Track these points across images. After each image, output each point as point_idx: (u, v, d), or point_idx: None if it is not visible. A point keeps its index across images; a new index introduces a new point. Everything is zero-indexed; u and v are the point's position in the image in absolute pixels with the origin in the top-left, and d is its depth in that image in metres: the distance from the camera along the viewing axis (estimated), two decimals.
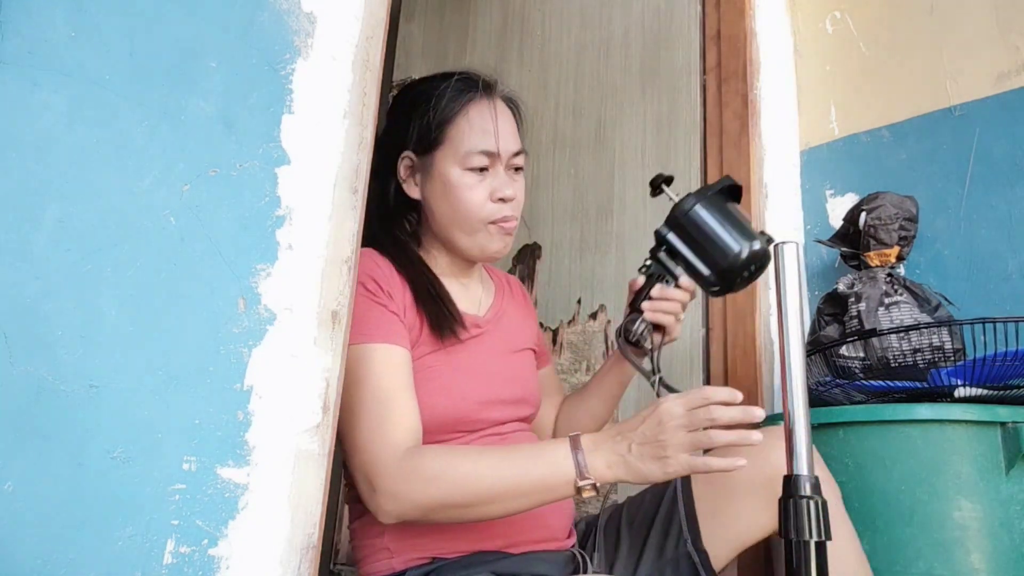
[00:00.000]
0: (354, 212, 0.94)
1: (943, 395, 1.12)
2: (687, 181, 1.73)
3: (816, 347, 1.31)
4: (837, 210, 1.65)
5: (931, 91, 1.58)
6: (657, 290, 1.04)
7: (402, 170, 1.09)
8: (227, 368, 0.78)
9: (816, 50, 1.81)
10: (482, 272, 1.20)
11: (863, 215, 1.43)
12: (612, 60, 1.97)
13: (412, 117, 1.06)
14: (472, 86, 1.07)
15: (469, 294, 1.13)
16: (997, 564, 1.01)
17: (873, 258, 1.41)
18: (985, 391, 1.09)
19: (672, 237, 1.01)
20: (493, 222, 1.04)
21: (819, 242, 1.60)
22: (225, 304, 0.79)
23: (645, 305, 1.04)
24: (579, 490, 0.84)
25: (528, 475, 0.85)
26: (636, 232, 1.80)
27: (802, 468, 0.74)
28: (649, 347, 1.04)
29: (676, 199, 1.03)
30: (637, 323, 1.04)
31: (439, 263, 1.11)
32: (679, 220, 1.00)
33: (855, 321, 1.36)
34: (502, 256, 1.09)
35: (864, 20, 1.73)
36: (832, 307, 1.43)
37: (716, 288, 0.98)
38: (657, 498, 1.06)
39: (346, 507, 2.19)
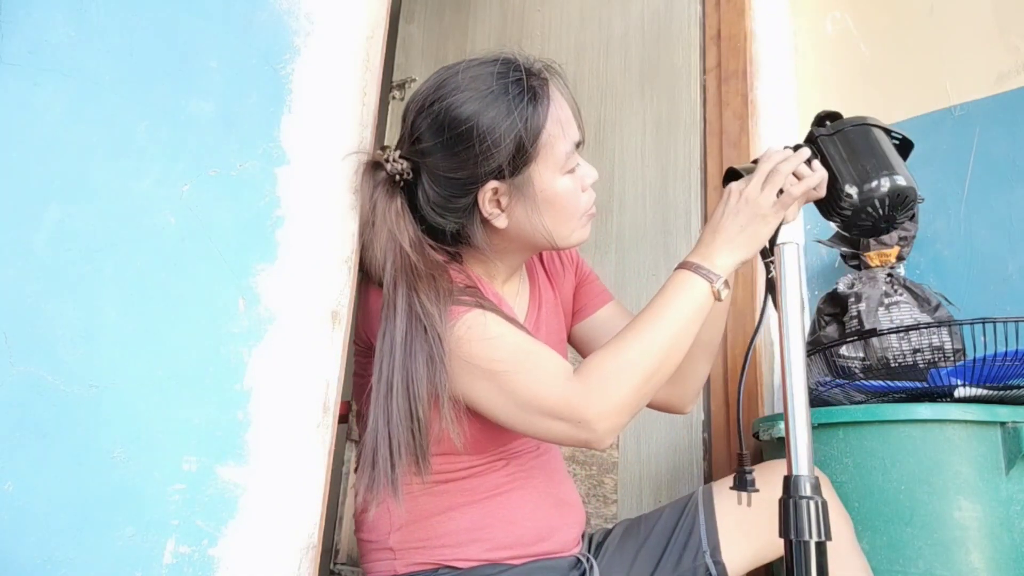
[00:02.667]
0: (354, 212, 0.94)
1: (943, 395, 1.12)
2: (687, 181, 1.73)
3: (816, 347, 1.31)
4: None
5: (931, 91, 1.59)
6: (784, 151, 0.95)
7: (487, 206, 0.94)
8: (227, 368, 0.78)
9: (816, 50, 1.81)
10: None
11: None
12: (612, 60, 1.97)
13: (487, 145, 0.90)
14: (535, 80, 0.93)
15: (510, 301, 1.05)
16: (997, 564, 1.01)
17: (873, 258, 1.42)
18: (985, 391, 1.09)
19: (827, 140, 0.95)
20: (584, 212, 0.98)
21: (819, 242, 1.60)
22: (225, 304, 0.79)
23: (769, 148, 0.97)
24: (717, 294, 0.90)
25: (679, 314, 0.89)
26: (636, 232, 1.80)
27: (802, 468, 0.74)
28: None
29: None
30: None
31: (483, 277, 1.02)
32: (847, 127, 0.95)
33: (855, 321, 1.36)
34: None
35: (864, 20, 1.73)
36: (832, 307, 1.43)
37: (844, 208, 0.92)
38: (677, 511, 1.06)
39: (348, 499, 2.19)
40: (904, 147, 0.99)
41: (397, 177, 0.95)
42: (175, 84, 0.78)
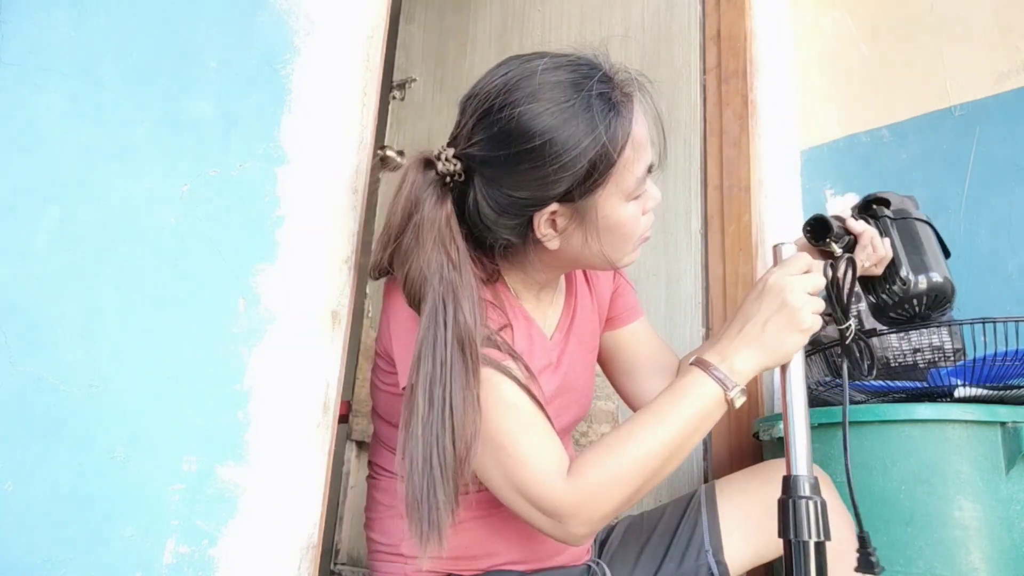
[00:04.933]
0: (354, 212, 0.94)
1: (943, 395, 1.12)
2: (687, 181, 1.73)
3: (816, 347, 1.31)
4: (837, 210, 1.65)
5: (931, 91, 1.58)
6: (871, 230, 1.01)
7: (542, 227, 0.86)
8: (227, 368, 0.78)
9: (816, 50, 1.81)
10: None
11: None
12: (612, 60, 1.96)
13: (557, 167, 0.81)
14: (619, 94, 0.85)
15: (543, 311, 1.01)
16: (997, 564, 1.01)
17: None
18: (985, 391, 1.09)
19: (890, 224, 1.02)
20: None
21: None
22: (225, 304, 0.79)
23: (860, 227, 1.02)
24: (731, 403, 0.81)
25: (684, 420, 0.81)
26: None
27: (801, 468, 0.74)
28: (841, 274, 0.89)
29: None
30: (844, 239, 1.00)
31: (518, 287, 0.97)
32: (910, 218, 1.01)
33: (855, 321, 1.35)
34: None
35: (864, 20, 1.73)
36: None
37: (895, 292, 0.98)
38: (680, 509, 1.05)
39: (348, 499, 2.19)
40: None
41: (448, 179, 0.85)
42: (175, 84, 0.78)
